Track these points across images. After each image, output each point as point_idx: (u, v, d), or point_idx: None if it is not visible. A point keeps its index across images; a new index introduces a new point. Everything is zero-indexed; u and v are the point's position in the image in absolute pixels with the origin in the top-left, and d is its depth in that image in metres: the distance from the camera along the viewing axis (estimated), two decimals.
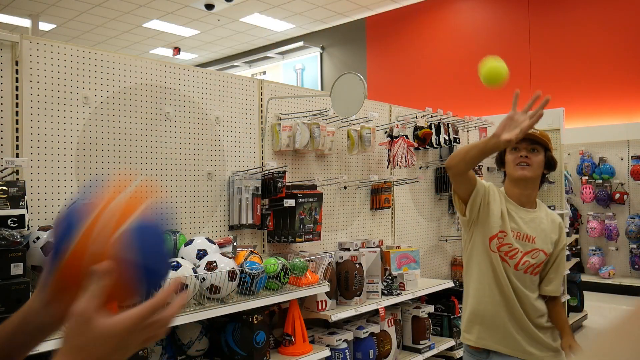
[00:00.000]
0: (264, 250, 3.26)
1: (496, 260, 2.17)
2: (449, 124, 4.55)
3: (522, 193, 2.21)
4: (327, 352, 2.90)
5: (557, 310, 2.26)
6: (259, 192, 3.04)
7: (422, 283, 3.75)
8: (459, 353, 3.88)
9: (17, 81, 2.31)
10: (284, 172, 3.10)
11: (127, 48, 12.91)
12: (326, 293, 3.00)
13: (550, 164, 2.20)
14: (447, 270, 4.86)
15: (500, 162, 2.25)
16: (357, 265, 3.18)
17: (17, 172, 2.27)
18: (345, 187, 3.82)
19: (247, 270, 2.53)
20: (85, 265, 0.69)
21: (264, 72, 13.61)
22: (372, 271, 3.36)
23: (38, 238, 2.18)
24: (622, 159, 8.23)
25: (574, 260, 6.30)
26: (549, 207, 5.72)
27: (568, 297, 5.95)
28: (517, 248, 2.16)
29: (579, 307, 6.21)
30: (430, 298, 3.85)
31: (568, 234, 6.11)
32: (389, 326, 3.40)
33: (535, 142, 2.15)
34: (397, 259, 3.74)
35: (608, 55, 8.57)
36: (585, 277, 7.60)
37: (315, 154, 3.62)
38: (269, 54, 13.16)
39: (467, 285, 2.30)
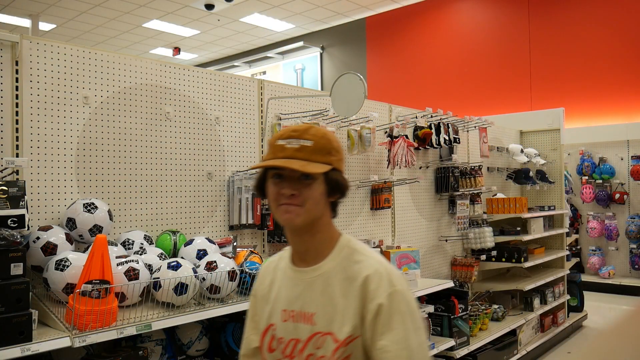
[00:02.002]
0: (264, 250, 3.26)
1: None
2: (449, 124, 4.55)
3: (300, 241, 1.38)
4: None
5: None
6: None
7: (422, 283, 3.74)
8: (459, 353, 3.88)
9: (17, 81, 2.31)
10: None
11: (127, 48, 12.91)
12: None
13: (338, 186, 1.35)
14: (447, 270, 4.86)
15: (261, 191, 1.39)
16: None
17: (17, 172, 2.27)
18: None
19: (247, 270, 2.53)
20: None
21: (264, 72, 13.61)
22: None
23: (38, 238, 2.18)
24: (622, 159, 8.23)
25: (574, 260, 6.30)
26: (549, 207, 5.76)
27: (568, 297, 5.96)
28: (293, 339, 1.34)
29: (579, 307, 6.22)
30: (430, 298, 3.85)
31: (568, 234, 6.11)
32: None
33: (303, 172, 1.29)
34: (397, 259, 3.74)
35: (608, 55, 8.57)
36: (585, 277, 7.61)
37: None
38: (269, 54, 13.16)
39: None
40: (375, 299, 1.27)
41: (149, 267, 2.33)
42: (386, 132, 4.07)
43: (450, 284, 3.85)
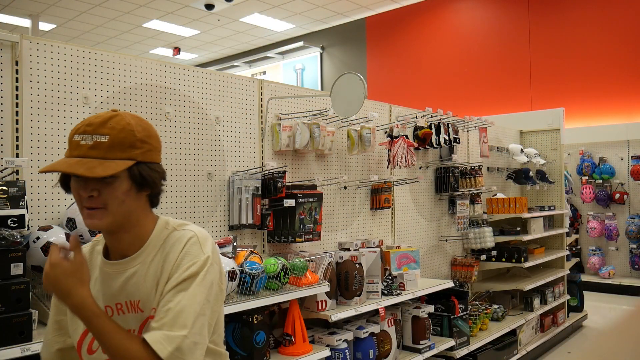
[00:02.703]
0: (264, 250, 3.26)
1: None
2: (449, 124, 4.55)
3: (115, 239, 1.30)
4: (327, 352, 2.89)
5: None
6: (259, 192, 3.04)
7: (422, 283, 3.75)
8: (459, 353, 3.89)
9: (17, 81, 2.31)
10: (284, 172, 3.10)
11: (127, 48, 12.91)
12: (326, 293, 3.00)
13: (145, 181, 1.24)
14: (447, 270, 4.86)
15: (67, 187, 1.27)
16: (357, 265, 3.18)
17: (17, 172, 2.27)
18: (345, 187, 3.82)
19: (247, 270, 2.53)
20: None
21: (264, 72, 13.61)
22: (372, 271, 3.36)
23: (38, 238, 2.18)
24: (622, 159, 8.24)
25: (574, 260, 6.30)
26: (549, 207, 5.76)
27: (568, 297, 5.96)
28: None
29: (579, 307, 6.22)
30: (430, 298, 3.85)
31: (568, 234, 6.11)
32: (389, 326, 3.40)
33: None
34: (397, 259, 3.74)
35: (608, 55, 8.57)
36: (585, 277, 7.61)
37: (315, 154, 3.62)
38: (269, 54, 13.16)
39: None
40: (182, 259, 1.26)
41: None
42: (386, 132, 4.07)
43: (450, 284, 3.85)
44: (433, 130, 4.40)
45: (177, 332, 1.17)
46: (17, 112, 2.30)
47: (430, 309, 3.69)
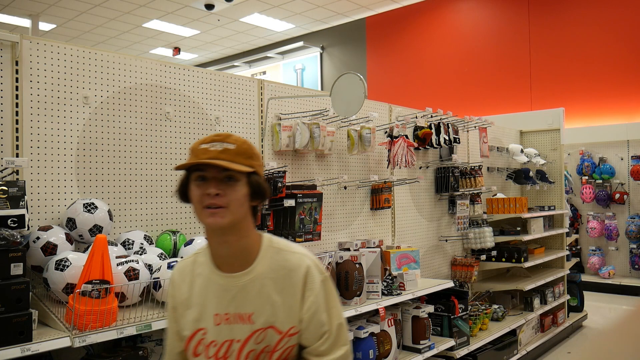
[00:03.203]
0: None
1: None
2: (449, 124, 4.55)
3: (225, 244, 1.39)
4: None
5: None
6: None
7: (422, 283, 3.75)
8: (459, 353, 3.89)
9: (17, 81, 2.31)
10: (284, 172, 3.10)
11: (127, 48, 12.92)
12: None
13: (260, 189, 1.39)
14: (447, 270, 4.86)
15: (184, 195, 1.41)
16: (357, 265, 3.18)
17: (17, 172, 2.27)
18: (345, 187, 3.82)
19: None
20: None
21: (264, 72, 13.61)
22: (372, 271, 3.36)
23: (38, 238, 2.18)
24: (622, 159, 8.24)
25: (574, 260, 6.30)
26: (549, 207, 5.76)
27: (568, 297, 5.96)
28: (227, 340, 1.40)
29: (579, 307, 6.22)
30: (430, 298, 3.85)
31: (568, 234, 6.11)
32: (389, 326, 3.40)
33: (228, 170, 1.33)
34: (397, 259, 3.74)
35: (608, 55, 8.57)
36: (585, 277, 7.61)
37: (315, 154, 3.62)
38: (269, 54, 13.17)
39: None
40: (312, 289, 1.41)
41: (149, 267, 2.33)
42: (386, 132, 4.07)
43: (450, 284, 3.85)
44: (433, 130, 4.40)
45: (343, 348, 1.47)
46: (17, 112, 2.30)
47: (430, 309, 3.69)
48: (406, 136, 4.01)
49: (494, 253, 4.99)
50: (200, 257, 1.48)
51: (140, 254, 2.40)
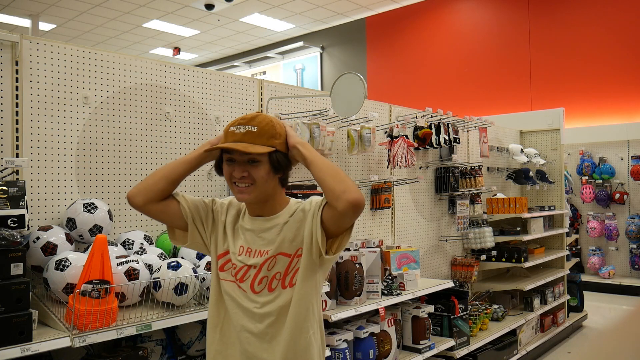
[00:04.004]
0: None
1: (229, 287, 1.69)
2: (449, 124, 4.55)
3: (257, 206, 1.67)
4: (327, 352, 2.89)
5: None
6: None
7: (422, 283, 3.75)
8: (459, 353, 3.89)
9: (17, 81, 2.31)
10: None
11: (127, 48, 12.92)
12: (326, 293, 3.00)
13: (280, 165, 1.59)
14: (447, 270, 4.86)
15: (220, 170, 1.66)
16: (357, 265, 3.18)
17: (17, 172, 2.27)
18: None
19: None
20: None
21: (264, 72, 13.61)
22: (372, 271, 3.36)
23: (38, 238, 2.18)
24: (622, 159, 8.24)
25: (574, 260, 6.30)
26: (549, 207, 5.76)
27: (568, 297, 5.96)
28: (245, 266, 1.66)
29: (579, 307, 6.22)
30: (430, 298, 3.85)
31: (568, 234, 6.11)
32: (389, 326, 3.40)
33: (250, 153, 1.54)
34: (397, 259, 3.74)
35: (608, 55, 8.57)
36: (585, 277, 7.61)
37: None
38: (269, 54, 13.17)
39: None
40: (309, 207, 1.64)
41: (149, 267, 2.33)
42: (386, 132, 4.07)
43: (450, 284, 3.85)
44: (433, 130, 4.40)
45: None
46: (17, 112, 2.30)
47: (430, 309, 3.69)
48: (406, 136, 4.01)
49: (494, 253, 4.99)
50: (235, 200, 1.76)
51: (140, 254, 2.40)
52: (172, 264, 2.30)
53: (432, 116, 4.51)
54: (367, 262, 3.32)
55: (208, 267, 2.42)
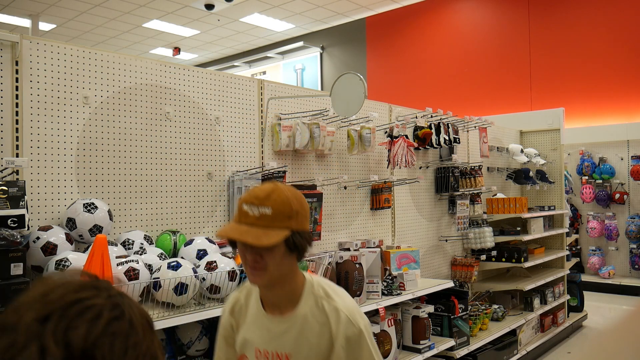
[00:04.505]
0: None
1: None
2: (449, 124, 4.55)
3: (271, 294, 1.54)
4: None
5: None
6: None
7: (422, 283, 3.75)
8: (459, 353, 3.89)
9: (17, 81, 2.31)
10: (284, 172, 3.10)
11: (127, 48, 12.91)
12: None
13: (297, 247, 1.45)
14: (447, 270, 4.86)
15: (234, 246, 1.52)
16: (357, 265, 3.18)
17: (17, 172, 2.27)
18: (345, 187, 3.82)
19: None
20: None
21: (264, 72, 13.61)
22: (372, 271, 3.36)
23: (38, 238, 2.18)
24: (622, 159, 8.23)
25: (574, 260, 6.30)
26: (549, 207, 5.76)
27: (568, 297, 5.96)
28: None
29: (579, 307, 6.22)
30: (430, 298, 3.85)
31: (568, 234, 6.11)
32: (389, 326, 3.40)
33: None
34: (397, 259, 3.74)
35: (608, 55, 8.57)
36: (585, 277, 7.61)
37: (315, 154, 3.62)
38: (269, 54, 13.16)
39: None
40: (340, 337, 1.46)
41: (149, 267, 2.33)
42: (386, 132, 4.07)
43: (450, 284, 3.85)
44: (433, 130, 4.40)
45: None
46: (17, 112, 2.30)
47: (430, 309, 3.69)
48: (406, 136, 4.01)
49: (494, 253, 4.99)
50: (254, 292, 1.61)
51: (140, 254, 2.40)
52: (172, 264, 2.30)
53: (432, 116, 4.51)
54: (367, 262, 3.32)
55: (208, 267, 2.42)
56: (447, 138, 4.48)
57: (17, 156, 2.28)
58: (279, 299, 1.52)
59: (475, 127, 5.09)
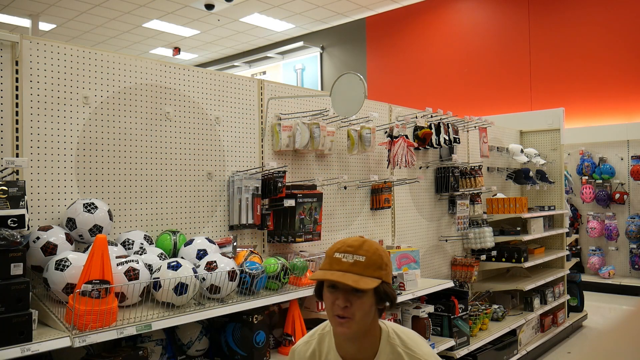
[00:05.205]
0: (264, 250, 3.26)
1: None
2: (449, 124, 4.55)
3: (352, 345, 1.56)
4: None
5: None
6: (259, 192, 3.04)
7: (422, 283, 3.74)
8: (459, 353, 3.88)
9: (17, 81, 2.31)
10: (284, 172, 3.10)
11: (127, 48, 12.91)
12: None
13: (387, 297, 1.51)
14: (447, 270, 4.86)
15: (319, 295, 1.57)
16: None
17: (17, 172, 2.27)
18: (345, 187, 3.82)
19: (247, 270, 2.53)
20: None
21: (264, 72, 13.61)
22: None
23: (38, 238, 2.18)
24: (622, 159, 8.23)
25: (574, 260, 6.30)
26: (549, 207, 5.76)
27: (568, 297, 5.96)
28: None
29: (579, 307, 6.22)
30: (430, 298, 3.85)
31: (568, 234, 6.11)
32: None
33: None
34: (397, 259, 3.74)
35: (608, 55, 8.57)
36: (585, 277, 7.61)
37: (315, 154, 3.62)
38: (269, 54, 13.16)
39: None
40: None
41: (149, 267, 2.33)
42: (386, 132, 4.07)
43: (450, 284, 3.85)
44: (433, 130, 4.40)
45: None
46: (17, 112, 2.30)
47: (430, 309, 3.69)
48: (406, 136, 4.01)
49: (494, 253, 4.99)
50: (327, 337, 1.63)
51: (140, 254, 2.40)
52: (172, 264, 2.30)
53: (432, 116, 4.51)
54: None
55: (208, 267, 2.42)
56: (447, 138, 4.48)
57: (17, 156, 2.28)
58: (359, 351, 1.54)
59: (475, 127, 5.09)
